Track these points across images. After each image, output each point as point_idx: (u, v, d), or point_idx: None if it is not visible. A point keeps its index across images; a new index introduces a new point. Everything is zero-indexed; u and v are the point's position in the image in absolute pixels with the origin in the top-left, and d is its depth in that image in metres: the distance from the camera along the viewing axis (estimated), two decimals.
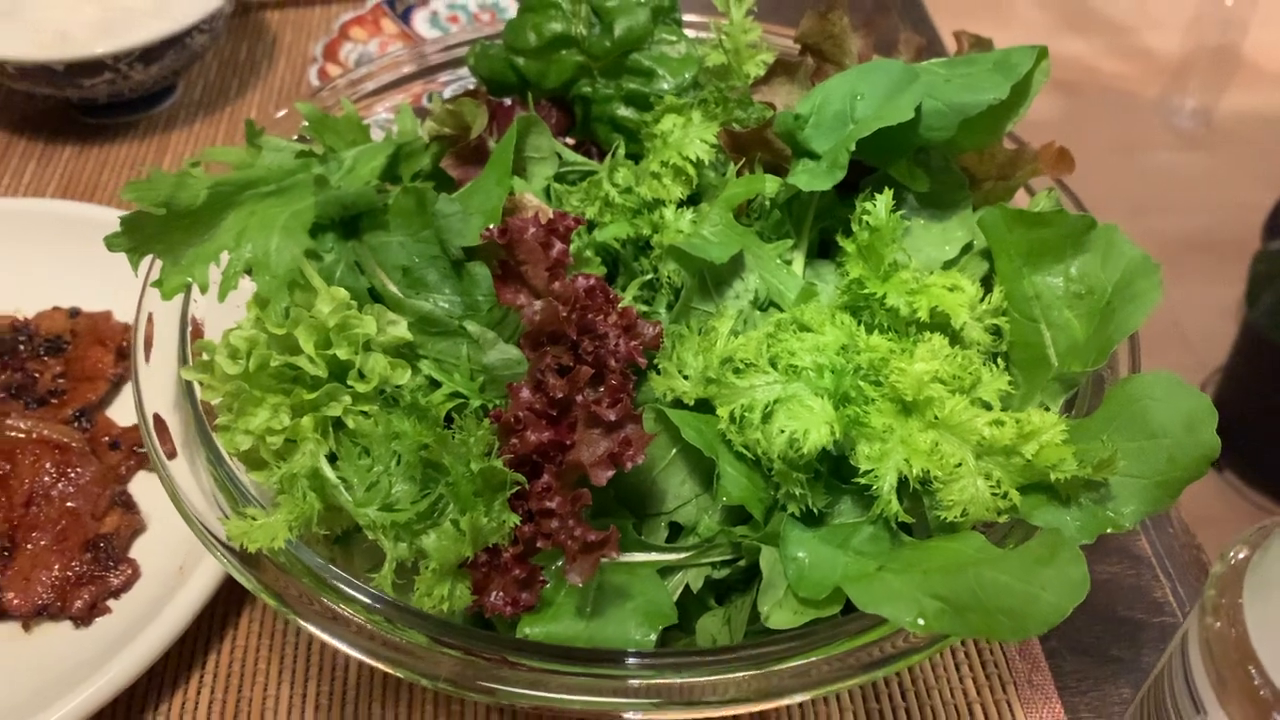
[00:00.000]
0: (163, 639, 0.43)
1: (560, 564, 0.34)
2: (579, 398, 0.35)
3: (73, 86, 0.64)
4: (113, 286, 0.57)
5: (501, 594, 0.33)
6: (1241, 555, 0.28)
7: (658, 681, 0.31)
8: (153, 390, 0.40)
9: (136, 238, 0.40)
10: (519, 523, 0.33)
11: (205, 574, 0.45)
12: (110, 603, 0.46)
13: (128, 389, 0.54)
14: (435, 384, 0.39)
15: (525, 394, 0.35)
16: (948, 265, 0.42)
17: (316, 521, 0.34)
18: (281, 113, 0.49)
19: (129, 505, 0.49)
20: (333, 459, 0.36)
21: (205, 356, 0.38)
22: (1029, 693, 0.46)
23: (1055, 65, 0.44)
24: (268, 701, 0.45)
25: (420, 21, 0.76)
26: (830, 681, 0.31)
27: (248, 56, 0.76)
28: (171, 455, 0.37)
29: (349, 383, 0.37)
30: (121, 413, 0.53)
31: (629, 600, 0.34)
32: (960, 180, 0.43)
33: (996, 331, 0.40)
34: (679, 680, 0.31)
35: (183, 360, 0.40)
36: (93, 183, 0.67)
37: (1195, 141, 2.27)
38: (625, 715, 0.31)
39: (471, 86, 0.53)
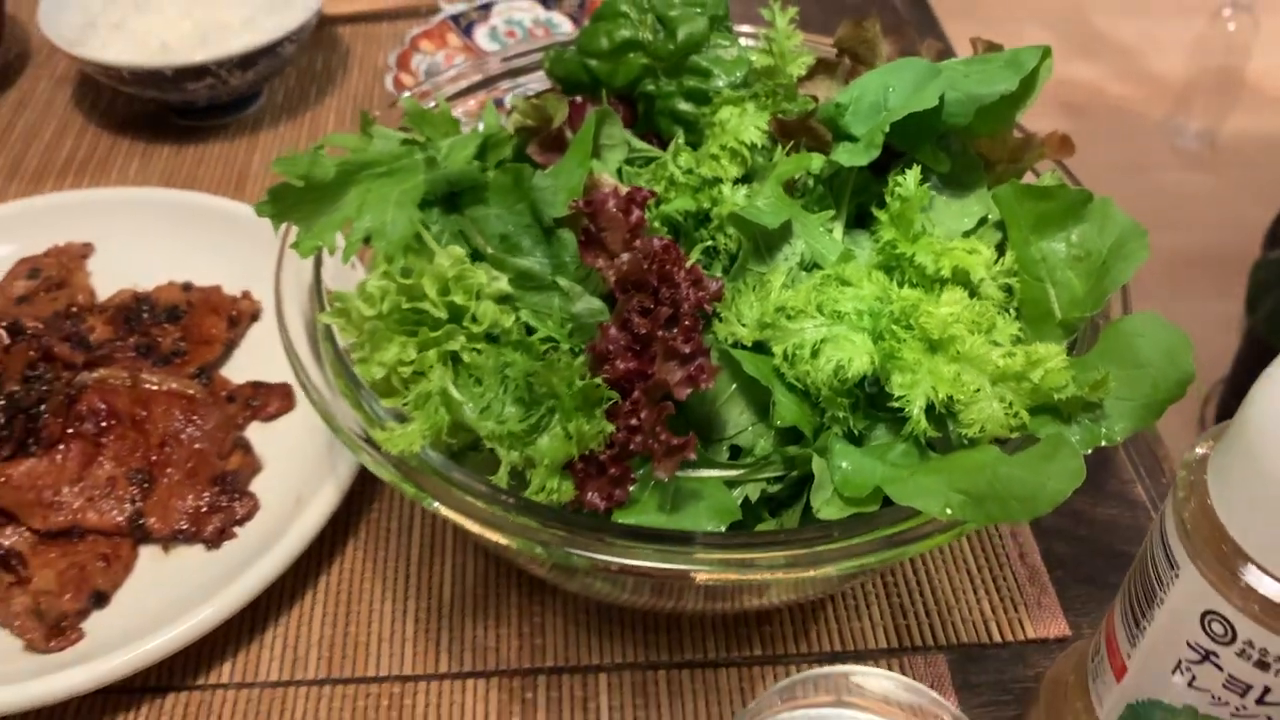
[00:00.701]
0: (283, 560, 0.50)
1: (645, 470, 0.41)
2: (659, 334, 0.42)
3: (177, 90, 0.72)
4: (219, 264, 0.64)
5: (597, 492, 0.40)
6: (1204, 449, 0.35)
7: (721, 554, 0.38)
8: (290, 335, 0.46)
9: (279, 205, 0.47)
10: (614, 430, 0.40)
11: (318, 507, 0.52)
12: (236, 530, 0.53)
13: (239, 352, 0.62)
14: (529, 331, 0.46)
15: (613, 331, 0.42)
16: (966, 235, 0.48)
17: (446, 432, 0.41)
18: (369, 113, 0.56)
19: (247, 449, 0.56)
20: None
21: (339, 305, 0.45)
22: (1038, 612, 0.52)
23: (1063, 88, 0.51)
24: (373, 615, 0.52)
25: (481, 36, 0.83)
26: (864, 554, 0.37)
27: (323, 66, 0.84)
28: (314, 385, 0.44)
29: (464, 324, 0.44)
30: (234, 372, 0.60)
31: (701, 501, 0.41)
32: (976, 163, 0.50)
33: (1009, 290, 0.47)
34: (738, 554, 0.38)
35: (320, 308, 0.47)
36: (191, 176, 0.74)
37: (1199, 162, 2.34)
38: (695, 576, 0.37)
39: (529, 92, 0.60)
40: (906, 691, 0.37)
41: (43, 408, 0.52)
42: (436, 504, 0.39)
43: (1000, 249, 0.48)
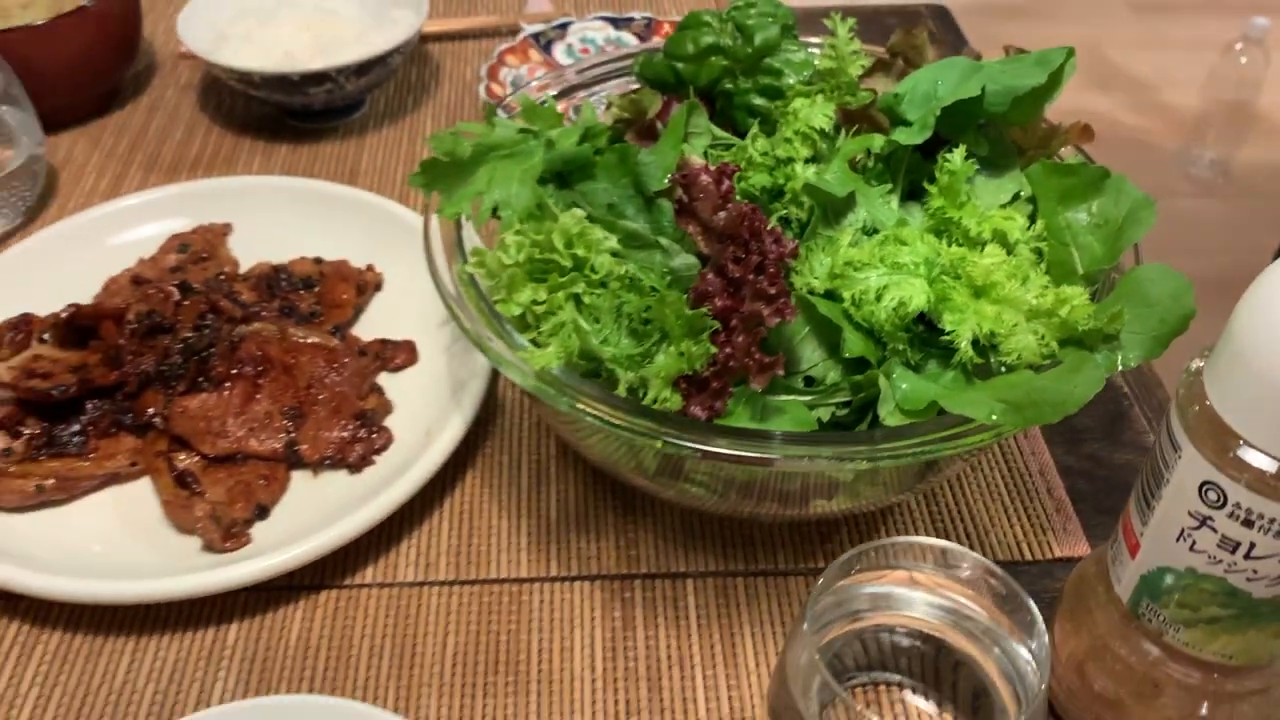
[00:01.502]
0: (415, 482, 0.59)
1: (738, 391, 0.49)
2: (749, 278, 0.50)
3: (300, 94, 0.82)
4: (342, 243, 0.73)
5: (700, 404, 0.48)
6: (1200, 362, 0.43)
7: (797, 446, 0.46)
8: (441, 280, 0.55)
9: (428, 177, 0.57)
10: (715, 352, 0.48)
11: (444, 441, 0.60)
12: (375, 458, 0.61)
13: (365, 317, 0.71)
14: (635, 283, 0.55)
15: (711, 276, 0.51)
16: (1003, 208, 0.57)
17: (575, 356, 0.50)
18: (494, 105, 0.65)
19: (380, 392, 0.65)
20: None
21: (476, 258, 0.54)
22: (1063, 536, 0.61)
23: (1082, 118, 0.59)
24: (491, 530, 0.60)
25: (559, 51, 0.93)
26: (920, 444, 0.46)
27: (418, 78, 0.93)
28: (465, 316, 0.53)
29: (584, 273, 0.53)
30: (362, 332, 0.69)
31: (784, 415, 0.50)
32: (1010, 148, 0.59)
33: (1039, 253, 0.55)
34: (812, 447, 0.46)
35: (463, 261, 0.56)
36: (307, 171, 0.83)
37: (1213, 190, 2.43)
38: (773, 460, 0.46)
39: (602, 97, 0.70)
40: (954, 556, 0.45)
41: (211, 352, 0.62)
42: (577, 404, 0.47)
43: (1031, 219, 0.56)
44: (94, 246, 0.72)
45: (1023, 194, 0.58)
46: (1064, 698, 0.52)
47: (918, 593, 0.48)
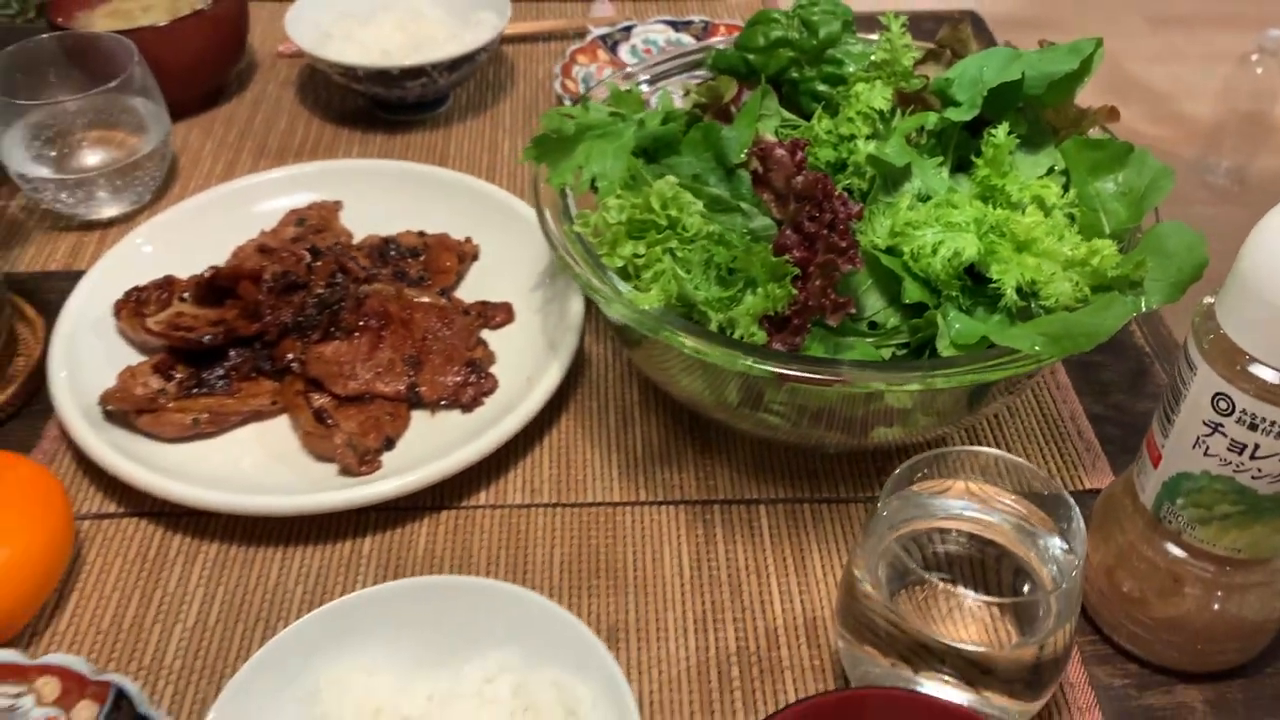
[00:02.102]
0: (520, 420, 0.67)
1: (813, 331, 0.57)
2: (823, 233, 0.58)
3: (398, 87, 0.90)
4: (440, 218, 0.82)
5: (782, 340, 0.57)
6: (1212, 299, 0.51)
7: (865, 370, 0.54)
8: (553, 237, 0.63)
9: (539, 150, 0.65)
10: (795, 294, 0.56)
11: (544, 386, 0.69)
12: (484, 399, 0.70)
13: (466, 281, 0.79)
14: (722, 238, 0.63)
15: (789, 232, 0.59)
16: (1039, 179, 0.65)
17: (673, 299, 0.58)
18: (588, 93, 0.74)
19: (485, 345, 0.73)
20: None
21: (581, 220, 0.63)
22: (1092, 471, 0.68)
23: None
24: (585, 462, 0.68)
25: (624, 52, 1.02)
26: (971, 369, 0.54)
27: (495, 76, 1.02)
28: (576, 264, 0.61)
29: (677, 231, 0.61)
30: (464, 294, 0.78)
31: (853, 351, 0.58)
32: (1046, 128, 0.67)
33: (1071, 217, 0.63)
34: (878, 370, 0.54)
35: (569, 222, 0.64)
36: (401, 158, 0.92)
37: (1229, 197, 2.50)
38: (846, 379, 0.54)
39: (672, 86, 0.78)
40: (1003, 461, 0.53)
41: (341, 306, 0.70)
42: (681, 336, 0.56)
43: (1064, 188, 0.64)
44: (220, 220, 0.80)
45: (1056, 168, 0.66)
46: (1095, 600, 0.60)
47: (969, 499, 0.56)
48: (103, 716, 0.53)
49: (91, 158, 0.85)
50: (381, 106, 0.96)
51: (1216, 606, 0.55)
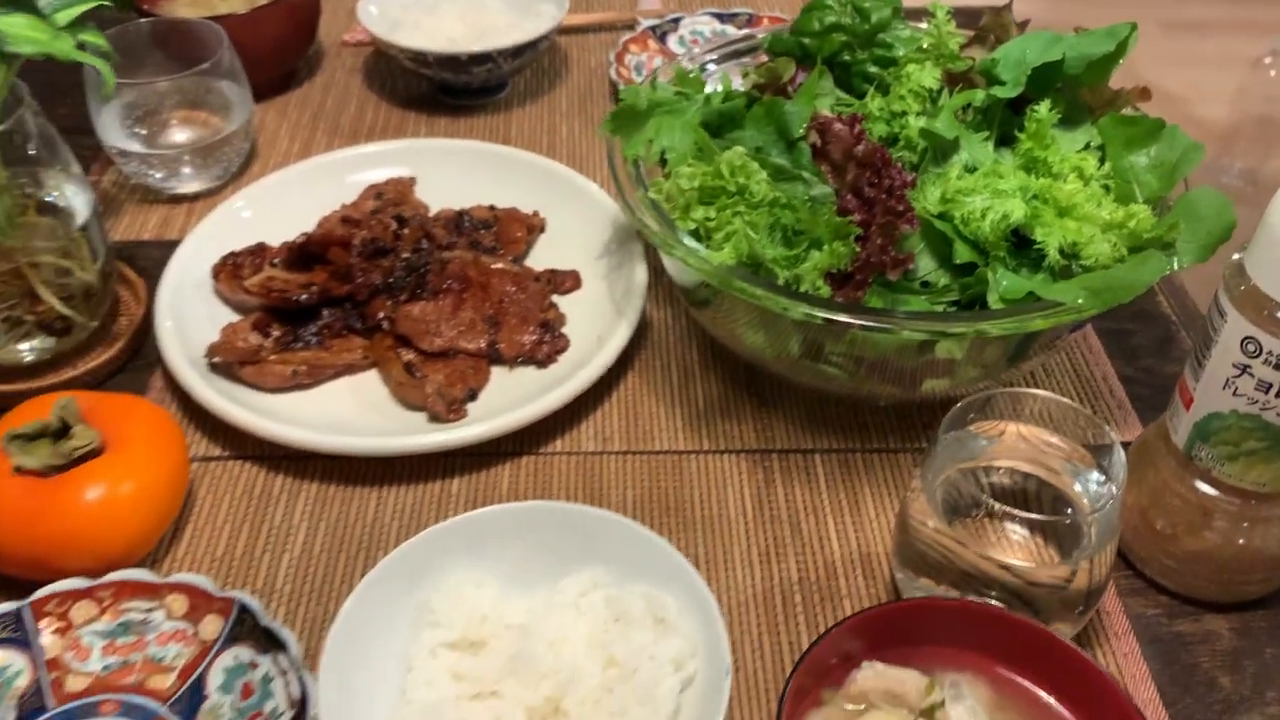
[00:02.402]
0: (593, 374, 0.72)
1: (873, 286, 0.63)
2: (880, 198, 0.64)
3: (465, 72, 0.96)
4: (507, 194, 0.87)
5: (844, 294, 0.62)
6: (1242, 253, 0.56)
7: (921, 321, 0.60)
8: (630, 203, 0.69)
9: (615, 124, 0.71)
10: (857, 251, 0.62)
11: (613, 344, 0.74)
12: (558, 357, 0.75)
13: (534, 251, 0.84)
14: (788, 202, 0.68)
15: (850, 196, 0.65)
16: (1077, 153, 0.70)
17: (745, 257, 0.63)
18: (656, 74, 0.79)
19: (556, 308, 0.78)
20: None
21: (655, 187, 0.68)
22: (1123, 425, 0.73)
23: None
24: (652, 417, 0.74)
25: (672, 42, 1.07)
26: (1017, 319, 0.59)
27: (550, 65, 1.08)
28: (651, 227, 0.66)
29: (744, 196, 0.66)
30: (533, 263, 0.83)
31: (908, 305, 0.63)
32: (1083, 106, 0.72)
33: (1107, 188, 0.68)
34: (932, 321, 0.60)
35: (642, 189, 0.69)
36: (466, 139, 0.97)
37: (1243, 197, 2.54)
38: (903, 327, 0.59)
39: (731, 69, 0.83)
40: (1046, 401, 0.58)
41: (426, 269, 0.76)
42: (755, 289, 0.61)
43: (1100, 162, 0.70)
44: (306, 192, 0.86)
45: (1093, 143, 0.71)
46: (1130, 537, 0.65)
47: (1017, 439, 0.61)
48: (227, 629, 0.58)
49: (179, 135, 0.91)
50: (446, 91, 1.01)
51: (1242, 540, 0.60)
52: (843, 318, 0.60)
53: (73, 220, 0.73)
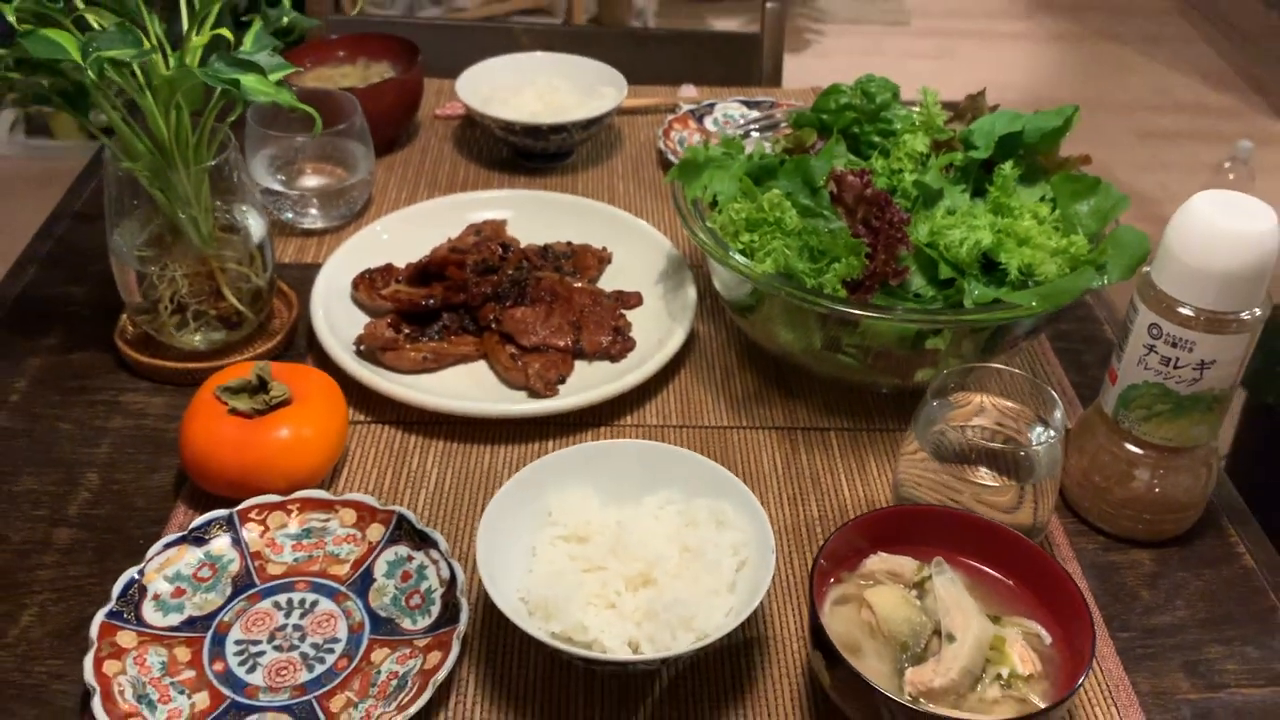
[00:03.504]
0: (654, 366, 0.92)
1: (879, 292, 0.83)
2: (884, 229, 0.85)
3: (543, 139, 1.18)
4: (581, 233, 1.08)
5: (857, 296, 0.82)
6: (1148, 267, 0.77)
7: (915, 313, 0.80)
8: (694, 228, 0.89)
9: (680, 172, 0.92)
10: (868, 263, 0.82)
11: (672, 344, 0.94)
12: (627, 354, 0.95)
13: (603, 278, 1.05)
14: (814, 230, 0.89)
15: (860, 226, 0.85)
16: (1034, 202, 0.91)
17: (781, 268, 0.84)
18: (709, 139, 1.01)
19: (625, 318, 0.99)
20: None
21: (712, 219, 0.89)
22: (1071, 412, 0.93)
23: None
24: (702, 401, 0.93)
25: (708, 122, 1.30)
26: (989, 315, 0.79)
27: (606, 139, 1.30)
28: (707, 241, 0.87)
29: (779, 225, 0.87)
30: (603, 286, 1.03)
31: (906, 303, 0.84)
32: (1040, 169, 0.93)
33: (1056, 227, 0.89)
34: (922, 314, 0.80)
35: (702, 221, 0.90)
36: None
37: None
38: (899, 316, 0.79)
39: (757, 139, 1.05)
40: (1015, 376, 0.78)
41: (525, 283, 0.96)
42: (790, 290, 0.81)
43: (1052, 209, 0.91)
44: (422, 227, 1.07)
45: (1046, 196, 0.92)
46: (1075, 492, 0.84)
47: (986, 406, 0.81)
48: (388, 533, 0.77)
49: (310, 181, 1.12)
50: (523, 156, 1.23)
51: (1158, 489, 0.80)
52: (857, 311, 0.80)
53: (251, 238, 0.94)
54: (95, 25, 0.81)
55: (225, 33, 0.85)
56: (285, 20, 0.92)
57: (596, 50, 1.31)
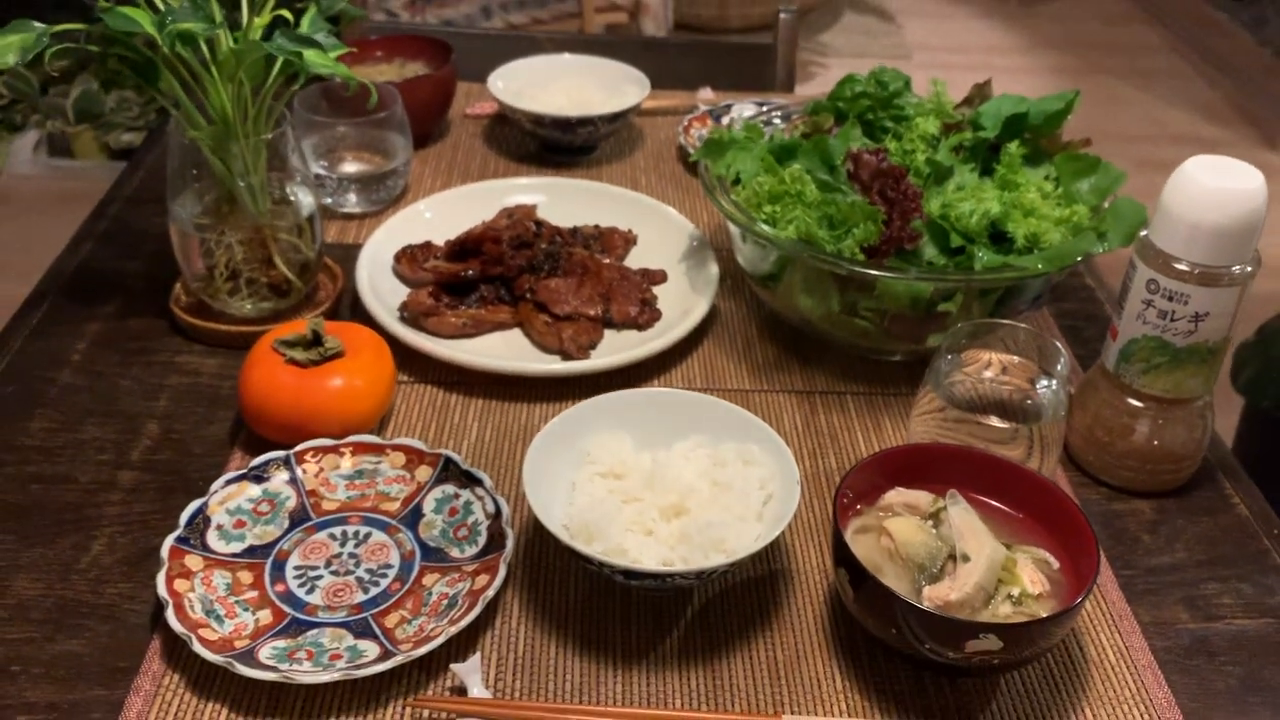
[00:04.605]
0: (680, 334, 0.97)
1: (895, 256, 0.89)
2: (898, 198, 0.90)
3: (570, 132, 1.24)
4: (608, 218, 1.14)
5: (875, 260, 0.88)
6: (1146, 231, 0.82)
7: (925, 272, 0.85)
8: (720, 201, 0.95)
9: (706, 151, 0.98)
10: (885, 229, 0.88)
11: (695, 314, 1.00)
12: (654, 324, 1.01)
13: (630, 258, 1.11)
14: (833, 201, 0.94)
15: (876, 196, 0.91)
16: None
17: (802, 235, 0.89)
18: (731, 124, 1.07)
19: (651, 290, 1.04)
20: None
21: (738, 191, 0.95)
22: (1074, 379, 0.98)
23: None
24: (724, 367, 0.98)
25: (726, 121, 1.36)
26: (999, 275, 0.85)
27: (629, 137, 1.36)
28: (731, 212, 0.93)
29: (800, 198, 0.93)
30: (630, 264, 1.09)
31: (919, 268, 0.89)
32: (1044, 152, 0.99)
33: (1059, 202, 0.95)
34: (936, 274, 0.85)
35: (727, 194, 0.96)
36: None
37: None
38: (913, 276, 0.85)
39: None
40: (1024, 331, 0.83)
41: (559, 255, 1.02)
42: (813, 254, 0.87)
43: (1055, 186, 0.97)
44: (460, 207, 1.12)
45: (1050, 176, 0.98)
46: (1081, 447, 0.89)
47: (992, 364, 0.86)
48: (436, 474, 0.82)
49: (350, 167, 1.18)
50: (550, 149, 1.30)
51: (1156, 441, 0.85)
52: (874, 272, 0.86)
53: (301, 211, 0.99)
54: (163, 6, 0.88)
55: (285, 13, 0.91)
56: (337, 8, 0.98)
57: (617, 57, 1.38)
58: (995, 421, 0.79)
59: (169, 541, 0.74)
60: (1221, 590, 0.80)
